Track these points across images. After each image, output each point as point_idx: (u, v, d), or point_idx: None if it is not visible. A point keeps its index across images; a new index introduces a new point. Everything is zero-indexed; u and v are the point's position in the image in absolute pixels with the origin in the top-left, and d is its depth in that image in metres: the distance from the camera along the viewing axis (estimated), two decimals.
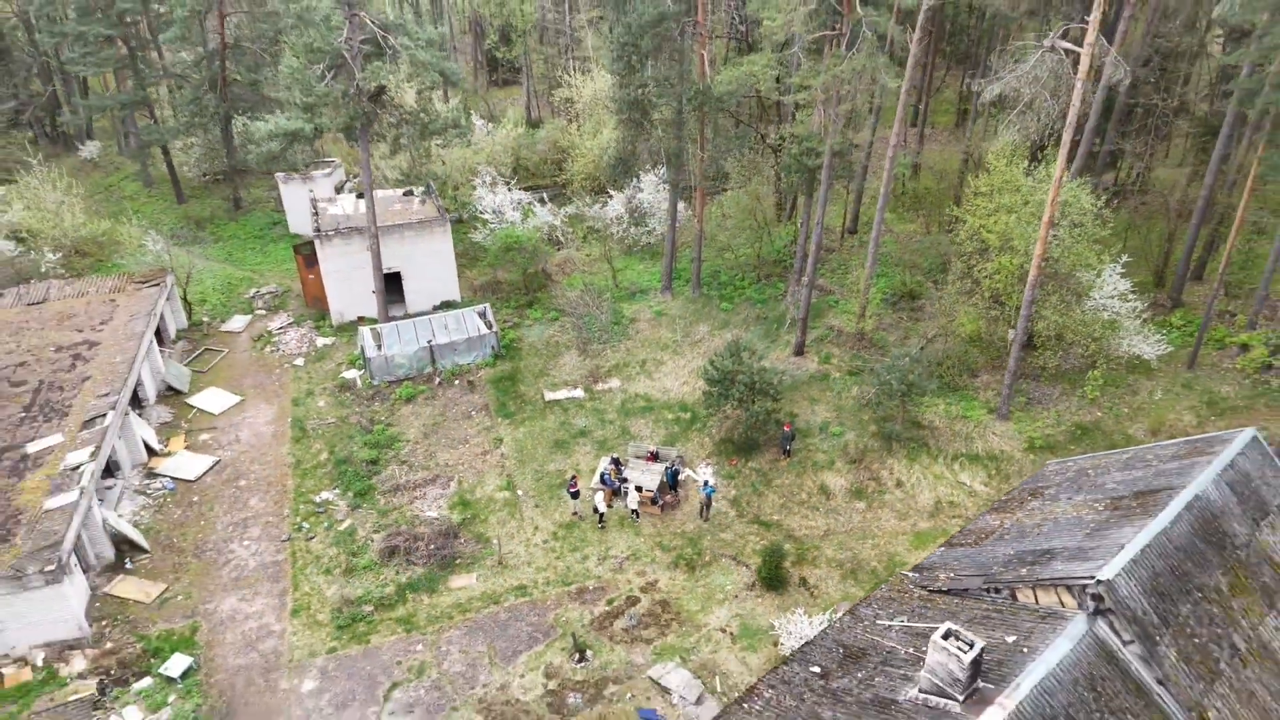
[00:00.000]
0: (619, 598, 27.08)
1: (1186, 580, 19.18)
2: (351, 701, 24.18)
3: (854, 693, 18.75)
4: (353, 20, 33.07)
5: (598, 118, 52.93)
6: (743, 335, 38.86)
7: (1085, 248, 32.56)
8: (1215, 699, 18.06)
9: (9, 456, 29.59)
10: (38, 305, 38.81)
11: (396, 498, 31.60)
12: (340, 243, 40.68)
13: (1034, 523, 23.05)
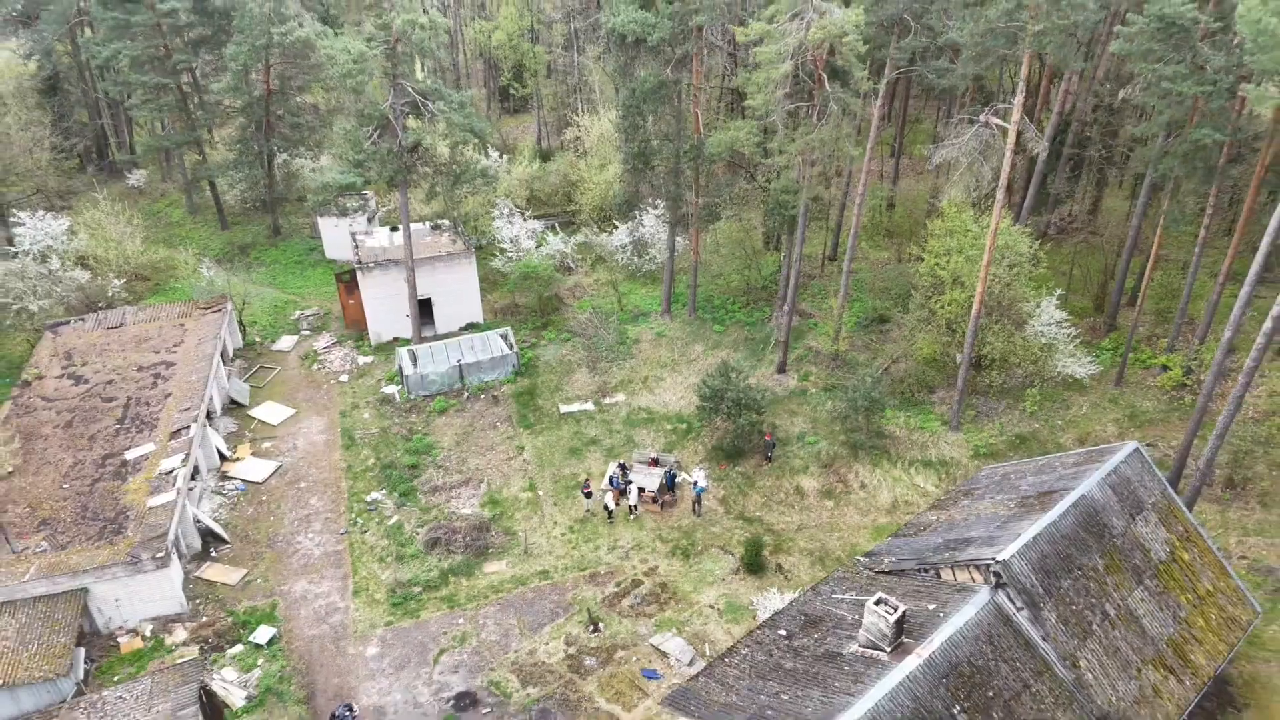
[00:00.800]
0: (626, 580, 32.28)
1: (1069, 561, 24.40)
2: (407, 664, 29.39)
3: (810, 649, 23.96)
4: (397, 87, 38.32)
5: (604, 153, 58.14)
6: (732, 355, 44.09)
7: (1023, 284, 37.80)
8: (1086, 652, 23.28)
9: (111, 462, 34.83)
10: (116, 329, 44.05)
11: (435, 497, 36.82)
12: (379, 273, 45.93)
13: (961, 517, 28.27)
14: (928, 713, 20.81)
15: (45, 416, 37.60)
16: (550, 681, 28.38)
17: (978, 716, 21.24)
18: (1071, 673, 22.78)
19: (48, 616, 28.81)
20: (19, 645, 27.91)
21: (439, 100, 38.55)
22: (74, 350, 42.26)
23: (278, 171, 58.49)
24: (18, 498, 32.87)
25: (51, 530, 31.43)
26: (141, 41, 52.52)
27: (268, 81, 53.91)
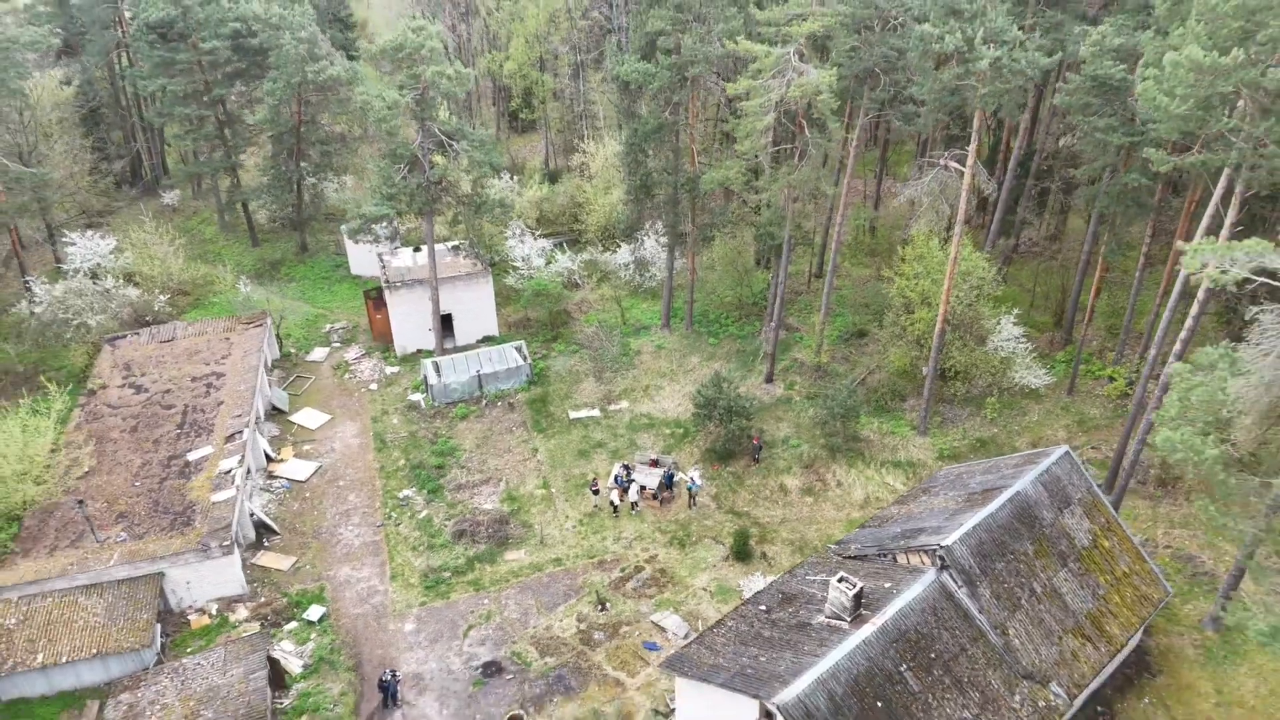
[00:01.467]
0: (629, 567, 36.60)
1: (1003, 547, 28.74)
2: (440, 638, 33.73)
3: (785, 621, 28.29)
4: (425, 129, 42.68)
5: (608, 177, 62.42)
6: (724, 366, 48.46)
7: (984, 304, 42.15)
8: (1015, 622, 27.61)
9: (175, 463, 39.19)
10: (168, 342, 48.40)
11: (460, 494, 41.16)
12: (405, 291, 50.29)
13: (918, 511, 32.62)
14: (879, 670, 25.16)
15: (112, 422, 41.96)
16: (564, 652, 32.73)
17: (921, 674, 25.59)
18: (1001, 639, 27.12)
19: (130, 596, 33.16)
20: (108, 621, 32.29)
21: (462, 139, 42.93)
22: (132, 362, 46.62)
23: (306, 193, 62.86)
24: (96, 494, 37.21)
25: (129, 522, 35.78)
26: (183, 78, 56.87)
27: (299, 113, 58.27)
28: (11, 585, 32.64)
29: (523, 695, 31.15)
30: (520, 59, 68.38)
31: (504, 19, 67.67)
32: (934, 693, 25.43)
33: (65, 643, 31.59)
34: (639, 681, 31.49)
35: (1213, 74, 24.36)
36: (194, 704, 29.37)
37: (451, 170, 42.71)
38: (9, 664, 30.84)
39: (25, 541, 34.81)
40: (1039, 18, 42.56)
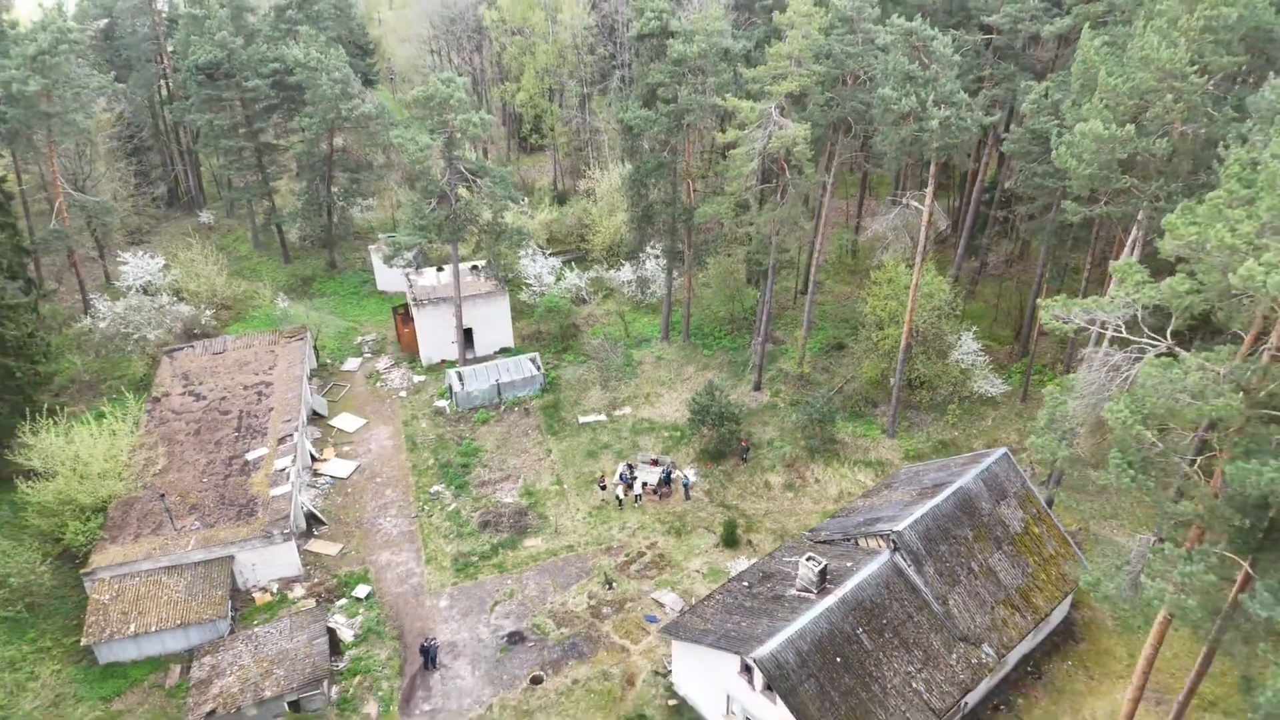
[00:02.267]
0: (632, 552, 41.84)
1: (946, 532, 33.97)
2: (470, 612, 38.95)
3: (764, 594, 33.51)
4: (452, 166, 47.94)
5: (612, 201, 67.66)
6: (717, 376, 53.72)
7: (945, 322, 47.39)
8: (954, 594, 32.84)
9: (236, 462, 44.45)
10: (220, 354, 53.66)
11: (483, 489, 46.39)
12: (430, 307, 55.55)
13: (879, 503, 37.86)
14: (839, 632, 30.41)
15: (177, 426, 47.23)
16: (577, 624, 37.96)
17: (874, 635, 30.83)
18: (942, 608, 32.37)
19: (206, 576, 38.42)
20: (188, 597, 37.55)
21: (485, 176, 48.21)
22: (189, 372, 51.89)
23: (335, 215, 68.15)
24: (169, 489, 42.45)
25: (200, 513, 41.05)
26: (227, 113, 62.17)
27: (331, 145, 63.58)
28: (105, 567, 37.89)
29: (542, 659, 36.38)
30: (531, 90, 73.60)
31: (515, 54, 72.87)
32: (884, 651, 30.68)
33: (152, 615, 36.83)
34: (641, 648, 36.71)
35: (1111, 143, 29.65)
36: (267, 664, 34.64)
37: (475, 204, 47.95)
38: (107, 633, 36.09)
39: (111, 530, 40.05)
40: (994, 69, 47.83)
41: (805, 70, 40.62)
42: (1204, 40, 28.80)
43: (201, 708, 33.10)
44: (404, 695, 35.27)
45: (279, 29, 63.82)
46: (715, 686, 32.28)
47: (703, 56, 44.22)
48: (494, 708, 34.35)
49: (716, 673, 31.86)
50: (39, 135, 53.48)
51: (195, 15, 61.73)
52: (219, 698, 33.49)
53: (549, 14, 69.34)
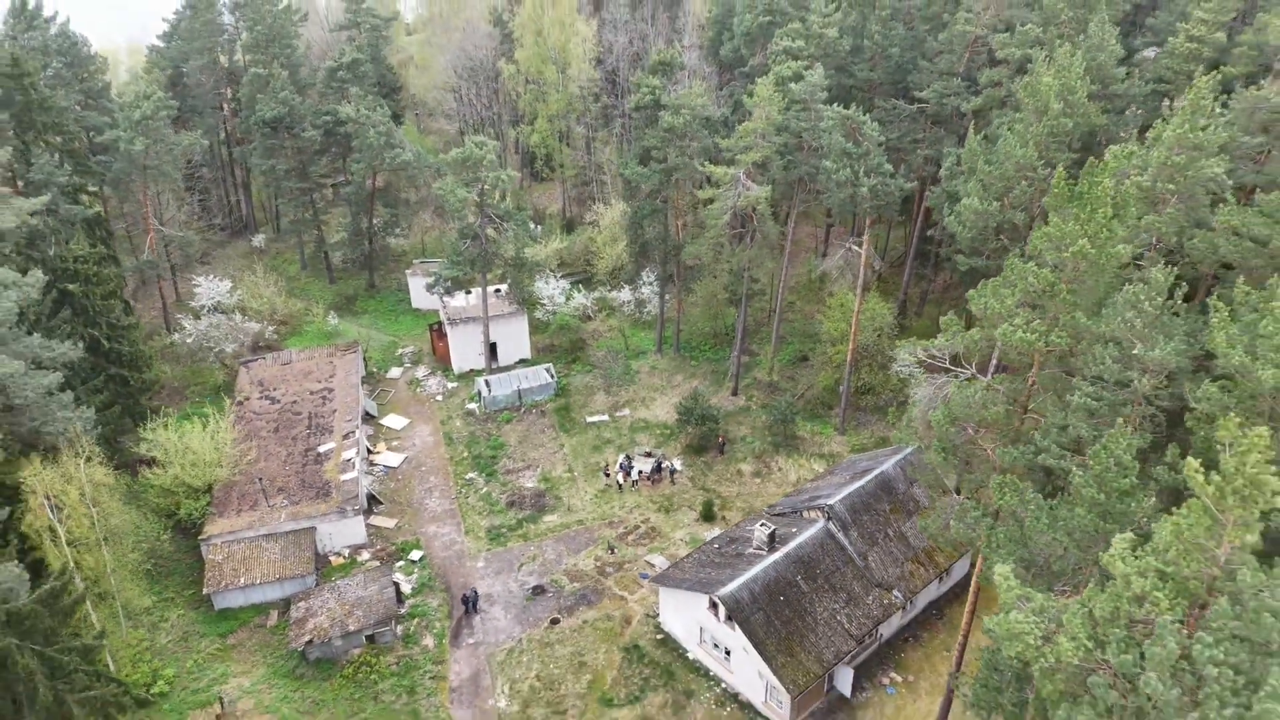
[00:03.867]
0: (630, 525, 51.69)
1: (870, 506, 43.80)
2: (502, 571, 48.79)
3: (729, 553, 43.33)
4: (484, 213, 57.84)
5: (614, 231, 77.44)
6: (701, 383, 63.61)
7: (884, 340, 57.22)
8: (873, 553, 42.66)
9: (310, 454, 54.33)
10: (288, 365, 63.58)
11: (509, 476, 56.25)
12: (461, 325, 65.46)
13: (822, 485, 47.70)
14: (783, 579, 40.25)
15: (259, 425, 57.14)
16: (586, 580, 47.82)
17: (809, 581, 40.69)
18: (863, 562, 42.23)
19: (295, 542, 48.32)
20: (282, 558, 47.44)
21: (510, 220, 58.14)
22: (264, 380, 61.81)
23: (376, 243, 78.06)
24: (260, 475, 52.36)
25: (287, 494, 50.95)
26: (285, 159, 72.09)
27: (374, 182, 73.50)
28: (217, 534, 47.79)
29: (559, 606, 46.25)
30: (543, 132, 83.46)
31: (529, 100, 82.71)
32: (817, 593, 40.55)
33: (256, 571, 46.73)
34: (636, 597, 46.58)
35: (985, 215, 39.57)
36: (349, 607, 44.53)
37: (501, 243, 57.88)
38: (221, 584, 46.01)
39: (218, 506, 49.91)
40: (927, 133, 57.68)
41: (768, 142, 50.49)
42: (1049, 142, 38.64)
43: (301, 638, 43.02)
44: (452, 632, 45.18)
45: (330, 86, 73.72)
46: (691, 621, 42.16)
47: (687, 125, 54.09)
48: (522, 641, 44.24)
49: (692, 610, 41.73)
50: (136, 183, 63.43)
51: (260, 74, 71.65)
52: (313, 631, 43.40)
53: (559, 68, 79.16)
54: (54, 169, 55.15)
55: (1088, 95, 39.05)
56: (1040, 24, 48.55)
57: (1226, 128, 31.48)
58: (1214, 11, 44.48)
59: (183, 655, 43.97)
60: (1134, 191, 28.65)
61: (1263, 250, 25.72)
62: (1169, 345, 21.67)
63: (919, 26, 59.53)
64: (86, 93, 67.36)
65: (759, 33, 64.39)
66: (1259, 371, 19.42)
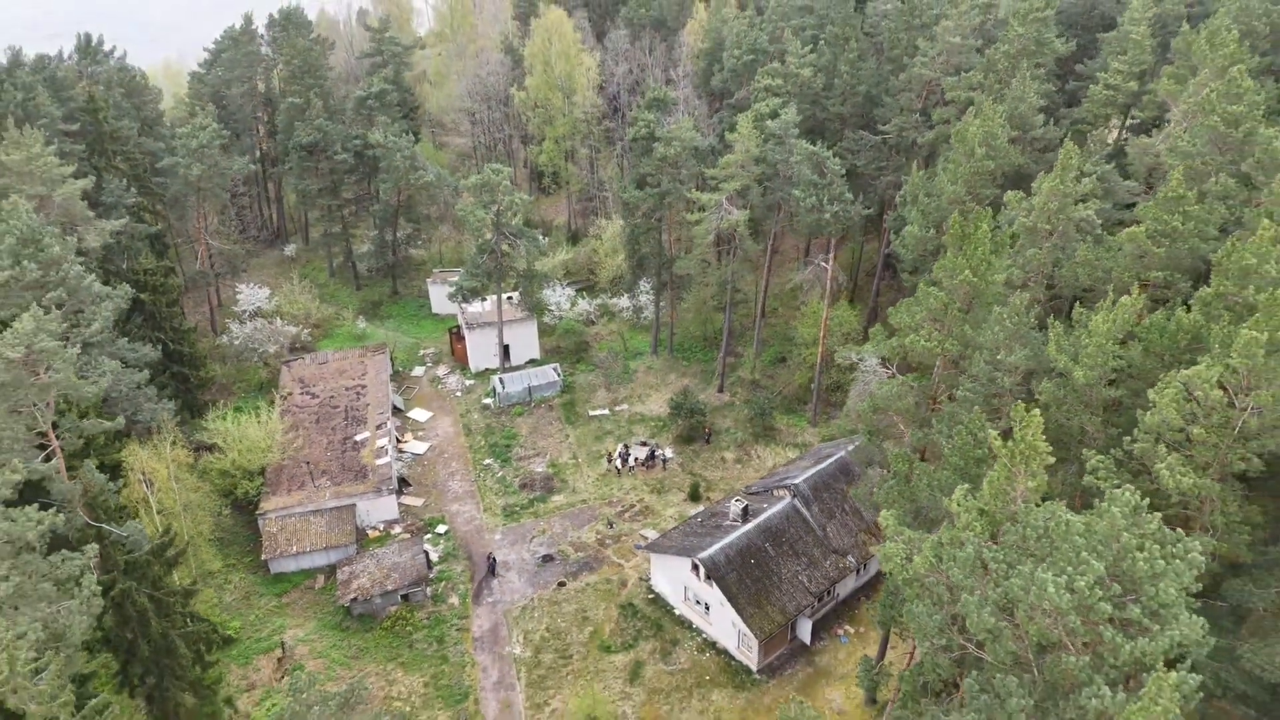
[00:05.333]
0: (627, 505, 58.89)
1: (829, 485, 50.96)
2: (517, 542, 56.02)
3: (709, 524, 50.51)
4: (499, 228, 65.09)
5: (614, 244, 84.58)
6: (692, 382, 70.82)
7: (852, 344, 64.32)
8: (830, 524, 49.82)
9: (348, 442, 61.60)
10: (324, 364, 70.89)
11: (521, 462, 63.47)
12: (478, 329, 72.74)
13: (791, 469, 54.85)
14: (754, 545, 47.43)
15: (302, 416, 64.45)
16: (588, 550, 55.03)
17: (776, 548, 47.86)
18: (823, 533, 49.41)
19: (339, 517, 55.61)
20: (328, 530, 54.74)
21: (522, 237, 65.41)
22: (304, 377, 69.12)
23: (399, 254, 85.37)
24: (306, 460, 59.67)
25: (329, 476, 58.24)
26: (319, 180, 79.41)
27: (398, 200, 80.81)
28: (272, 510, 55.05)
29: (565, 571, 53.48)
30: (550, 152, 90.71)
31: (538, 123, 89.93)
32: (782, 558, 47.75)
33: (305, 541, 54.02)
34: (631, 565, 53.80)
35: (924, 240, 46.74)
36: (386, 570, 51.82)
37: (515, 257, 65.19)
38: (277, 551, 53.33)
39: (270, 486, 57.16)
40: (889, 160, 64.83)
41: (747, 172, 57.70)
42: (975, 180, 45.77)
43: (347, 596, 50.32)
44: (474, 593, 52.45)
45: (359, 113, 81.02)
46: (677, 582, 49.37)
47: (679, 155, 61.32)
48: (534, 600, 51.51)
49: (677, 571, 48.94)
50: (190, 202, 70.82)
51: (296, 103, 78.98)
52: (357, 590, 50.69)
53: (565, 95, 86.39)
54: (123, 192, 62.53)
55: (1010, 139, 46.22)
56: (982, 71, 55.68)
57: (1104, 175, 38.57)
58: (1128, 63, 51.61)
59: (245, 610, 51.32)
60: (1024, 226, 35.70)
61: (1108, 279, 32.76)
62: (1022, 352, 28.74)
63: (883, 66, 66.67)
64: (143, 120, 74.66)
65: (744, 69, 71.57)
66: (1075, 372, 26.50)
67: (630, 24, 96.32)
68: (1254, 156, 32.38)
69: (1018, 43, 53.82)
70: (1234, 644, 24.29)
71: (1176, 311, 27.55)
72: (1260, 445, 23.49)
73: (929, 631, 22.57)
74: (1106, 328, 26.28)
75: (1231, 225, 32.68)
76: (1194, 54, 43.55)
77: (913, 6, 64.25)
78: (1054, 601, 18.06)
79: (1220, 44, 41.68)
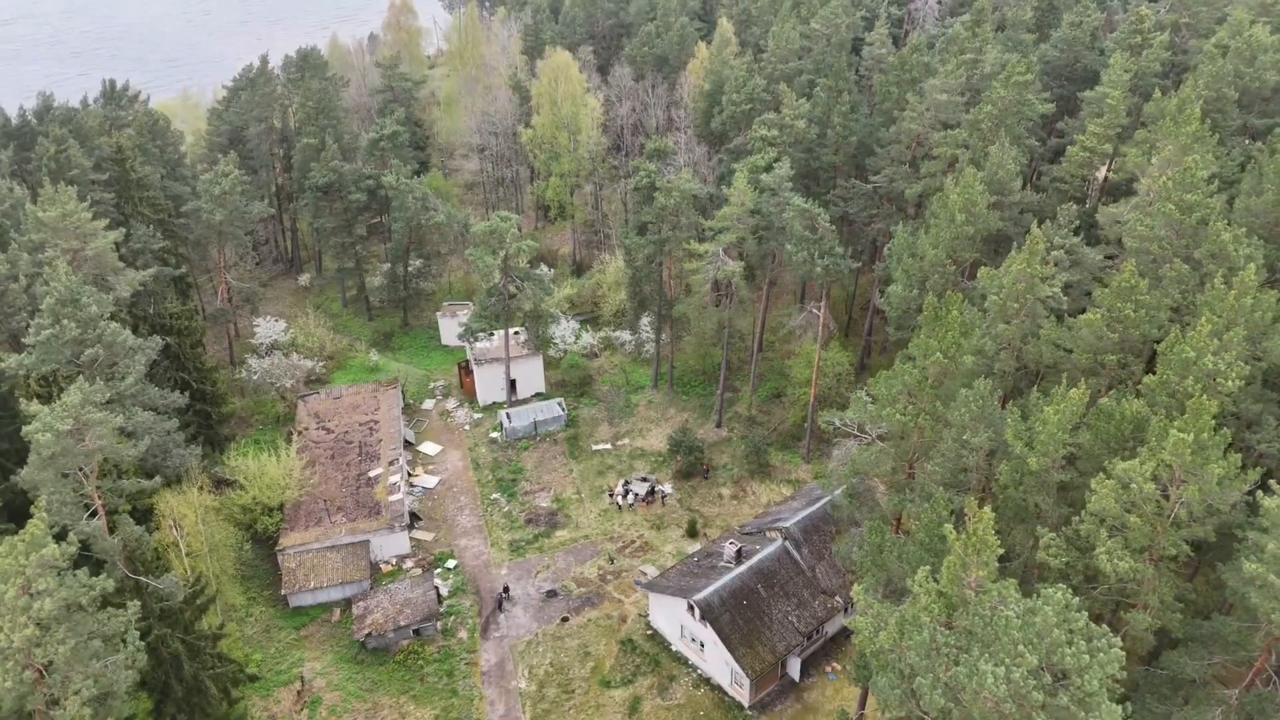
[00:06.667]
0: (628, 540, 61.53)
1: (818, 528, 53.52)
2: (523, 577, 58.66)
3: (705, 565, 53.13)
4: (506, 273, 67.87)
5: (617, 278, 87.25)
6: (691, 417, 73.48)
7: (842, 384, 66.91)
8: (819, 566, 52.36)
9: (362, 478, 64.43)
10: (339, 399, 73.73)
11: (526, 497, 66.16)
12: (487, 365, 75.52)
13: (784, 510, 57.45)
14: (747, 587, 50.01)
15: (318, 453, 67.27)
16: (590, 585, 57.65)
17: (767, 590, 50.43)
18: (812, 574, 51.97)
19: (353, 553, 58.38)
20: (344, 565, 57.50)
21: (529, 280, 68.19)
22: (319, 412, 71.96)
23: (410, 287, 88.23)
24: (322, 496, 62.48)
25: (345, 512, 61.04)
26: (333, 219, 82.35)
27: (409, 240, 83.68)
28: (290, 546, 57.87)
29: (568, 607, 56.13)
30: (556, 187, 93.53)
31: (544, 160, 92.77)
32: (773, 598, 50.34)
33: (323, 576, 56.80)
34: (631, 600, 56.41)
35: (908, 298, 49.35)
36: (399, 606, 54.55)
37: (522, 299, 67.97)
38: (296, 586, 56.12)
39: (288, 522, 59.97)
40: (880, 208, 67.44)
41: (743, 224, 60.40)
42: (956, 244, 48.37)
43: (362, 631, 53.07)
44: (482, 627, 55.17)
45: (372, 154, 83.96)
46: (674, 620, 51.96)
47: (678, 205, 64.03)
48: (538, 635, 54.19)
49: (674, 610, 51.54)
50: (212, 243, 73.81)
51: (311, 144, 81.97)
52: (371, 625, 53.43)
53: (571, 134, 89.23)
54: (150, 238, 65.52)
55: (988, 206, 48.83)
56: (968, 129, 58.31)
57: (1072, 248, 41.12)
58: (1104, 126, 54.19)
59: (266, 643, 54.12)
60: (995, 304, 38.31)
61: (1069, 357, 35.32)
62: (985, 434, 31.34)
63: (875, 117, 69.31)
64: (167, 163, 77.71)
65: (742, 117, 74.31)
66: (1030, 459, 29.09)
67: (633, 62, 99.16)
68: (1204, 246, 34.91)
69: (1001, 104, 56.41)
70: (1170, 710, 26.80)
71: (1123, 400, 30.11)
72: (1189, 533, 26.04)
73: (891, 702, 25.18)
74: (1058, 418, 28.86)
75: (1185, 308, 35.22)
76: (1160, 130, 46.10)
77: (903, 61, 66.88)
78: (993, 691, 20.66)
79: (1185, 120, 44.21)
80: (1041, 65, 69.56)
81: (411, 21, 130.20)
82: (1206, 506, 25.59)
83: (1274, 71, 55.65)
